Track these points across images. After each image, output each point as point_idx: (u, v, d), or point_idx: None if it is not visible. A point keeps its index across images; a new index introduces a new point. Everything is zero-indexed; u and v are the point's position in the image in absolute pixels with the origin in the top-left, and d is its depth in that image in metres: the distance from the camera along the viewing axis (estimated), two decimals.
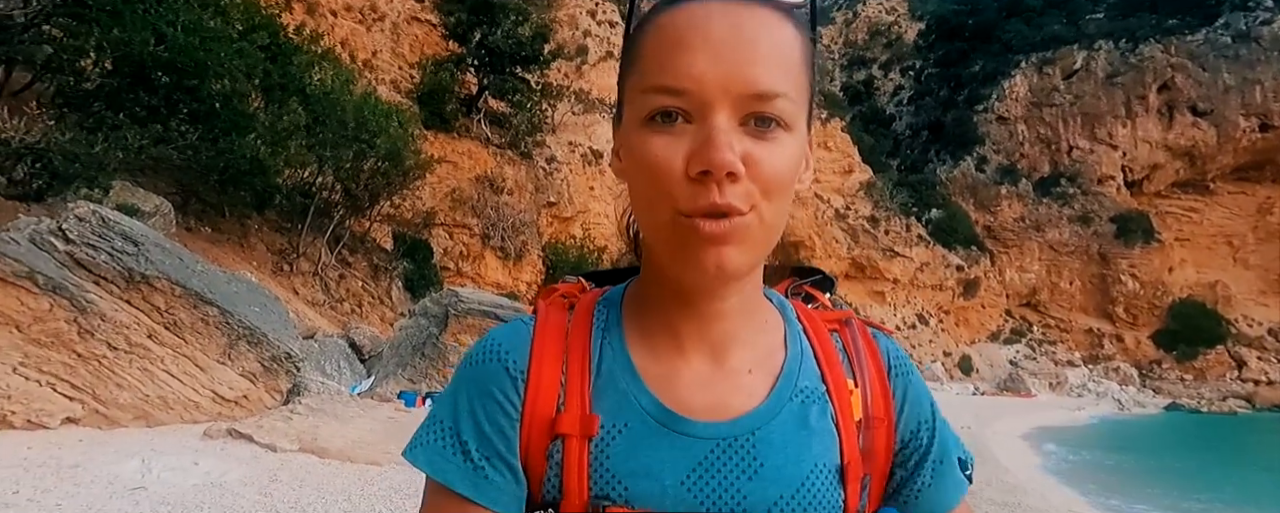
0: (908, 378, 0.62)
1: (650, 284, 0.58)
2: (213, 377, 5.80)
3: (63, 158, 7.58)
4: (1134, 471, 12.65)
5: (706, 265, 0.48)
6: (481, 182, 25.84)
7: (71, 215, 5.26)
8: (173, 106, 9.90)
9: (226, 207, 13.73)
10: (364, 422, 6.20)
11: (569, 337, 0.56)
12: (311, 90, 13.43)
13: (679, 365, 0.56)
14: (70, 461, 3.94)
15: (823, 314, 0.64)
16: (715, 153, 0.46)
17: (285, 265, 15.36)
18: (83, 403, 5.02)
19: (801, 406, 0.56)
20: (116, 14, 8.37)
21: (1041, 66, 58.40)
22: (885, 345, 0.63)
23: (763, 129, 0.47)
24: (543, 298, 0.62)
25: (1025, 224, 54.71)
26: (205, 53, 9.46)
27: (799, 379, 0.57)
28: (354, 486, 4.52)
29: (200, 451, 4.83)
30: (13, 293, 4.61)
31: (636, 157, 0.49)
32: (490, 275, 24.72)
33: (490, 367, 0.55)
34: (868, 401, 0.59)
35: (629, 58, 0.52)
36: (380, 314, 18.37)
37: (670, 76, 0.47)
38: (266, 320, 6.52)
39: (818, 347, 0.60)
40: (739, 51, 0.47)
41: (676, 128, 0.48)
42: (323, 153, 13.87)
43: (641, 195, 0.50)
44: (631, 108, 0.50)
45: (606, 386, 0.55)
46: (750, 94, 0.47)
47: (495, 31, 26.75)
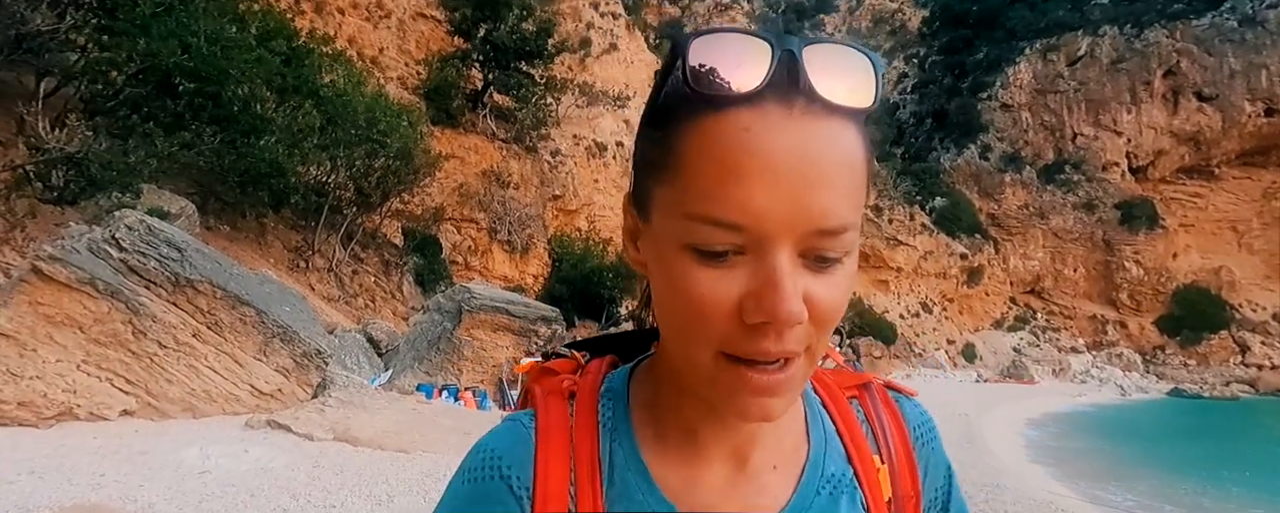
0: (931, 446, 0.58)
1: (665, 383, 0.53)
2: (251, 372, 6.27)
3: (99, 165, 8.02)
4: (1117, 455, 13.09)
5: (750, 414, 0.44)
6: (488, 176, 26.27)
7: (122, 224, 5.71)
8: (195, 112, 10.35)
9: (246, 206, 14.21)
10: (390, 413, 6.67)
11: (574, 441, 0.52)
12: (325, 92, 13.85)
13: (698, 469, 0.51)
14: (138, 448, 4.41)
15: (840, 378, 0.59)
16: (782, 304, 0.41)
17: (301, 262, 15.86)
18: (137, 397, 5.50)
19: (830, 498, 0.52)
20: (144, 27, 8.78)
21: (1046, 53, 58.21)
22: (909, 412, 0.59)
23: (823, 265, 0.43)
24: (537, 383, 0.57)
25: (1029, 211, 54.80)
26: (226, 61, 9.88)
27: (825, 468, 0.53)
28: (387, 471, 4.99)
29: (246, 440, 5.31)
30: (76, 298, 5.07)
31: (676, 286, 0.43)
32: (497, 269, 25.20)
33: (491, 485, 0.51)
34: (895, 477, 0.55)
35: (658, 154, 0.45)
36: (392, 308, 18.89)
37: (724, 209, 0.41)
38: (297, 319, 6.99)
39: (840, 423, 0.56)
40: (806, 179, 0.41)
41: (727, 262, 0.42)
42: (336, 153, 14.31)
43: (676, 326, 0.45)
44: (666, 223, 0.44)
45: (621, 498, 0.50)
46: (816, 230, 0.41)
47: (500, 27, 27.10)
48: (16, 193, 8.20)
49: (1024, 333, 50.03)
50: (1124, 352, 48.37)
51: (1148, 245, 51.20)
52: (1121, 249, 51.60)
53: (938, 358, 41.44)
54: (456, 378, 10.64)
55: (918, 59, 68.84)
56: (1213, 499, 9.41)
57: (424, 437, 6.15)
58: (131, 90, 9.17)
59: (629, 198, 0.49)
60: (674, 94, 0.43)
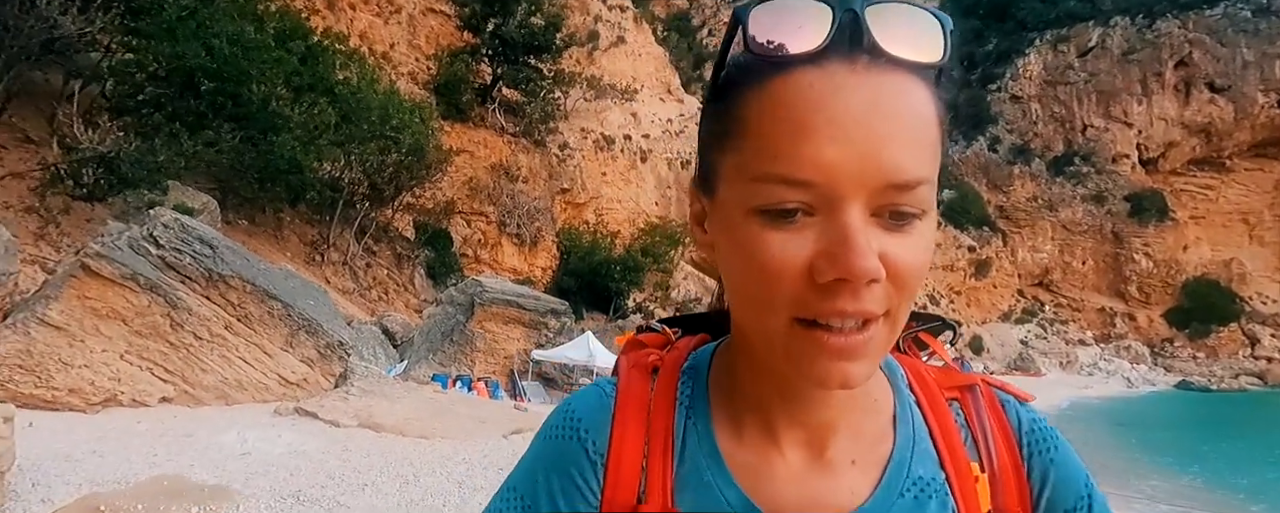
0: (1049, 455, 0.53)
1: (742, 362, 0.52)
2: (278, 362, 6.63)
3: (129, 164, 8.38)
4: (1114, 444, 13.35)
5: (829, 381, 0.43)
6: (497, 170, 26.61)
7: (158, 223, 6.06)
8: (216, 110, 10.70)
9: (264, 201, 14.60)
10: (409, 401, 7.02)
11: (651, 413, 0.52)
12: (339, 90, 14.18)
13: (772, 456, 0.50)
14: (182, 431, 4.77)
15: (942, 378, 0.56)
16: (856, 259, 0.39)
17: (317, 256, 16.26)
18: (175, 385, 5.86)
19: (916, 502, 0.49)
20: (170, 30, 9.11)
21: (1056, 44, 57.82)
22: (1018, 417, 0.54)
23: (898, 222, 0.41)
24: (625, 354, 0.58)
25: (1038, 204, 54.64)
26: (247, 61, 10.22)
27: (911, 468, 0.51)
28: (410, 454, 5.33)
29: (277, 425, 5.66)
30: (120, 292, 5.42)
31: (745, 251, 0.42)
32: (507, 261, 25.57)
33: (569, 445, 0.52)
34: (998, 489, 0.51)
35: (723, 126, 0.44)
36: (405, 300, 19.30)
37: (792, 166, 0.40)
38: (320, 312, 7.34)
39: (934, 424, 0.53)
40: (875, 133, 0.39)
41: (797, 223, 0.41)
42: (351, 149, 14.66)
43: (747, 294, 0.44)
44: (733, 191, 0.43)
45: (690, 475, 0.50)
46: (889, 184, 0.40)
47: (508, 22, 27.36)
48: (51, 190, 8.57)
49: (1031, 325, 50.06)
50: (1132, 344, 48.34)
51: (1157, 238, 51.02)
52: (1131, 241, 51.44)
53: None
54: (469, 368, 11.00)
55: None
56: (1212, 489, 9.67)
57: (442, 424, 6.50)
58: (156, 90, 9.50)
59: (694, 181, 0.50)
60: (736, 64, 0.44)
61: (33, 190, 9.21)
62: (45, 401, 4.91)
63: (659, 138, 36.19)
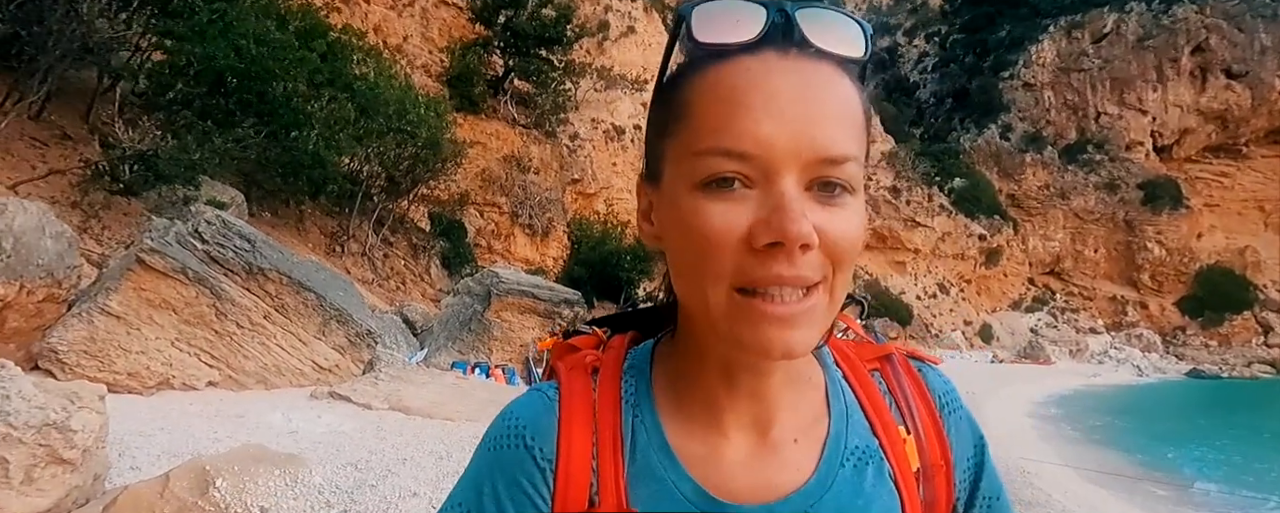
0: (958, 414, 0.57)
1: (687, 352, 0.53)
2: (312, 349, 7.07)
3: (166, 161, 8.83)
4: (1116, 430, 13.65)
5: (771, 350, 0.44)
6: (509, 161, 26.99)
7: (201, 219, 6.49)
8: (243, 108, 11.13)
9: (286, 195, 15.06)
10: (434, 387, 7.46)
11: (597, 415, 0.52)
12: (358, 86, 14.57)
13: (719, 444, 0.51)
14: (234, 412, 5.21)
15: (861, 351, 0.59)
16: (790, 223, 0.41)
17: (337, 247, 16.73)
18: (219, 370, 6.31)
19: (855, 469, 0.52)
20: (201, 33, 9.53)
21: (1070, 30, 57.25)
22: (933, 381, 0.58)
23: (829, 195, 0.44)
24: (559, 359, 0.58)
25: (1050, 192, 54.40)
26: (273, 61, 10.62)
27: (847, 440, 0.53)
28: (440, 434, 5.75)
29: (315, 408, 6.10)
30: (170, 284, 5.86)
31: (687, 225, 0.45)
32: (519, 252, 26.01)
33: (515, 454, 0.52)
34: (923, 447, 0.54)
35: (667, 114, 0.48)
36: (421, 290, 19.79)
37: (731, 139, 0.43)
38: (348, 303, 7.77)
39: (862, 395, 0.55)
40: (807, 112, 0.43)
41: (736, 193, 0.44)
42: (369, 143, 15.07)
43: (690, 268, 0.46)
44: (677, 170, 0.46)
45: (643, 472, 0.50)
46: (821, 158, 0.43)
47: (520, 14, 27.61)
48: (93, 186, 9.03)
49: (1042, 314, 50.06)
50: (1144, 333, 48.26)
51: (1171, 226, 50.72)
52: (1144, 229, 51.17)
53: (954, 339, 41.75)
54: (487, 356, 11.44)
55: (938, 37, 67.96)
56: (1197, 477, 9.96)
57: (466, 407, 6.92)
58: (187, 89, 9.93)
59: (640, 177, 0.53)
60: (681, 59, 0.48)
61: (74, 186, 9.69)
62: (107, 384, 5.36)
63: None
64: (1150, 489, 8.47)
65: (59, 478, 2.40)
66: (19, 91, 9.95)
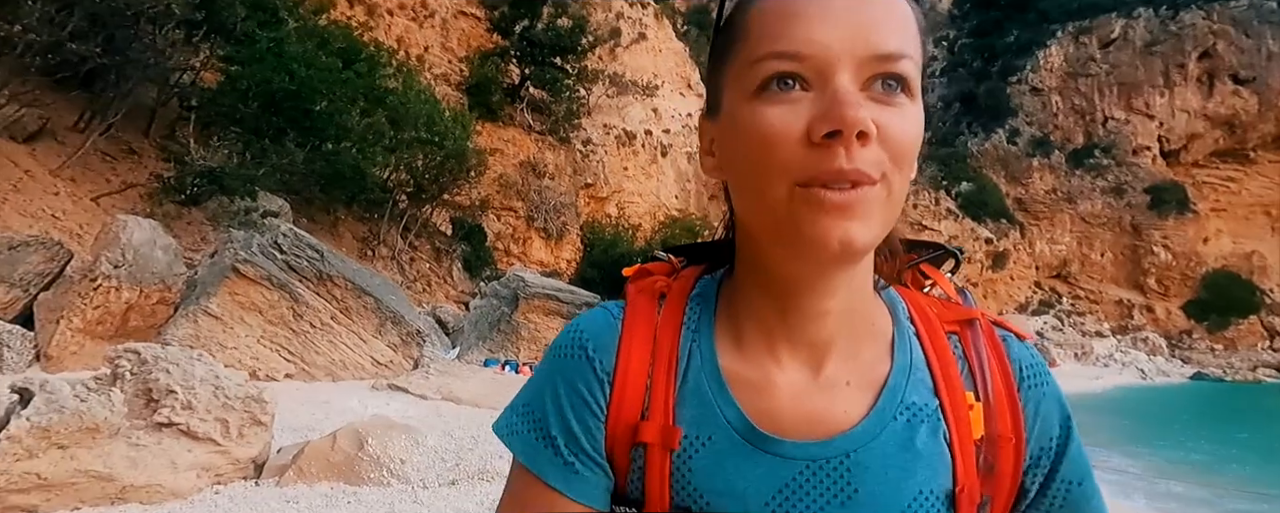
0: (1041, 389, 0.55)
1: (745, 281, 0.54)
2: (371, 347, 7.98)
3: (230, 176, 9.81)
4: (1112, 429, 14.38)
5: (830, 241, 0.44)
6: (525, 167, 27.96)
7: (278, 233, 7.42)
8: (292, 124, 12.11)
9: (324, 203, 16.07)
10: (477, 380, 8.37)
11: (657, 335, 0.54)
12: (389, 100, 15.55)
13: (772, 374, 0.52)
14: (320, 399, 6.12)
15: (943, 312, 0.57)
16: (847, 110, 0.42)
17: (368, 251, 17.71)
18: (295, 364, 7.23)
19: (908, 425, 0.51)
20: (260, 58, 10.51)
21: (1078, 36, 57.65)
22: (1017, 353, 0.56)
23: (889, 93, 0.45)
24: (633, 282, 0.59)
25: (1057, 196, 54.82)
26: (320, 82, 11.60)
27: (906, 394, 0.52)
28: (488, 419, 6.64)
29: (380, 397, 7.01)
30: (257, 289, 6.79)
31: (746, 131, 0.45)
32: (535, 255, 26.96)
33: (577, 363, 0.54)
34: (992, 417, 0.52)
35: (726, 42, 0.49)
36: (445, 292, 20.76)
37: (786, 43, 0.44)
38: (400, 306, 8.69)
39: (932, 354, 0.54)
40: (862, 16, 0.44)
41: (794, 95, 0.44)
42: (401, 154, 16.04)
43: (750, 173, 0.46)
44: (736, 86, 0.47)
45: (692, 394, 0.52)
46: (876, 55, 0.44)
47: (536, 24, 28.59)
48: (165, 198, 10.03)
49: (1048, 317, 50.51)
50: (1150, 336, 48.61)
51: (1177, 230, 51.08)
52: (1150, 234, 51.55)
53: None
54: (515, 354, 12.32)
55: (947, 42, 68.52)
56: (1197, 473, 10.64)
57: (506, 397, 7.71)
58: (245, 109, 10.91)
59: (702, 117, 0.54)
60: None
61: (144, 197, 10.69)
62: None
63: (679, 132, 37.25)
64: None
65: (259, 435, 3.29)
66: (91, 110, 10.97)
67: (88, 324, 5.80)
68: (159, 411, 3.00)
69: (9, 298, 5.85)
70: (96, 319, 5.85)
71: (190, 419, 3.02)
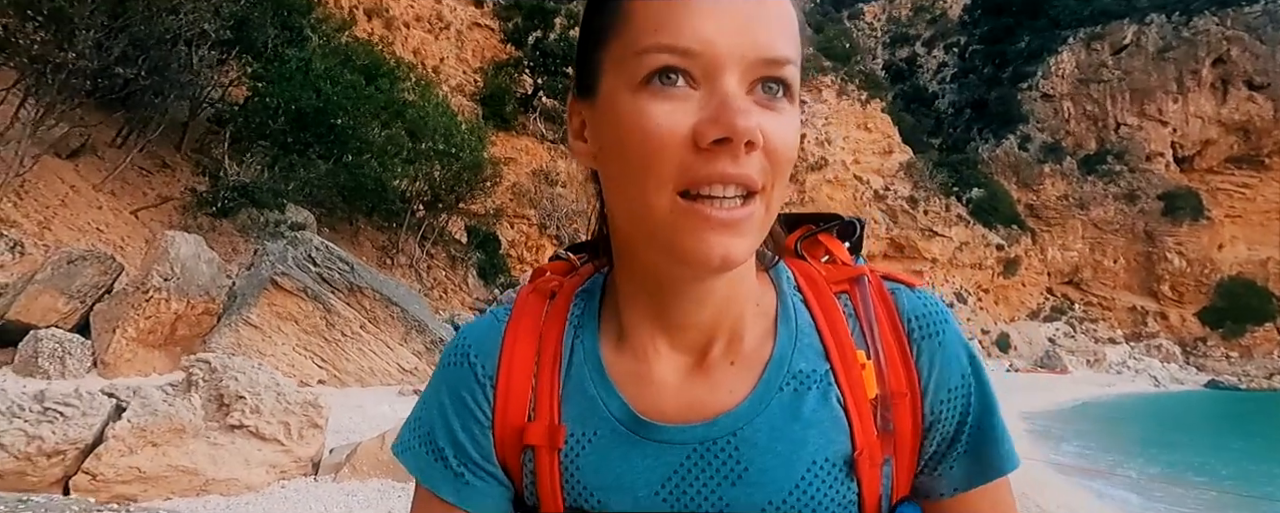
0: (937, 339, 0.52)
1: (623, 275, 0.53)
2: (398, 355, 8.39)
3: (261, 190, 10.29)
4: (1113, 434, 14.55)
5: (711, 257, 0.43)
6: (538, 175, 28.47)
7: (311, 247, 7.86)
8: (318, 139, 12.61)
9: (345, 213, 16.57)
10: None
11: (542, 335, 0.53)
12: (409, 113, 16.04)
13: (654, 363, 0.51)
14: (354, 404, 6.52)
15: (831, 272, 0.56)
16: (737, 118, 0.41)
17: (387, 260, 18.20)
18: (328, 370, 7.65)
19: (795, 395, 0.50)
20: (289, 77, 11.01)
21: (1090, 42, 57.66)
22: (906, 303, 0.53)
23: (771, 98, 0.44)
24: (529, 282, 0.59)
25: (1069, 202, 54.74)
26: (345, 100, 12.09)
27: (791, 364, 0.51)
28: None
29: (406, 402, 7.42)
30: (293, 300, 7.22)
31: (629, 127, 0.43)
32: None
33: (460, 370, 0.53)
34: (884, 373, 0.51)
35: (605, 20, 0.46)
36: (460, 299, 21.21)
37: (674, 34, 0.42)
38: (423, 315, 9.10)
39: (820, 317, 0.53)
40: (747, 13, 0.43)
41: (679, 92, 0.43)
42: (419, 165, 16.52)
43: (632, 172, 0.44)
44: (617, 74, 0.45)
45: (575, 391, 0.51)
46: (763, 58, 0.43)
47: (549, 35, 29.15)
48: (199, 211, 10.53)
49: (1060, 323, 50.39)
50: (1163, 343, 48.38)
51: (1191, 236, 50.87)
52: (1164, 240, 51.37)
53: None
54: None
55: (958, 48, 68.59)
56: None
57: None
58: (275, 126, 11.41)
59: (571, 95, 0.52)
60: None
61: (178, 211, 11.20)
62: None
63: None
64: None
65: (315, 437, 3.69)
66: (129, 127, 11.51)
67: (140, 333, 6.24)
68: (231, 414, 3.40)
69: (68, 309, 6.31)
70: (148, 328, 6.29)
71: (258, 422, 3.42)
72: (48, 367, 5.68)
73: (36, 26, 7.12)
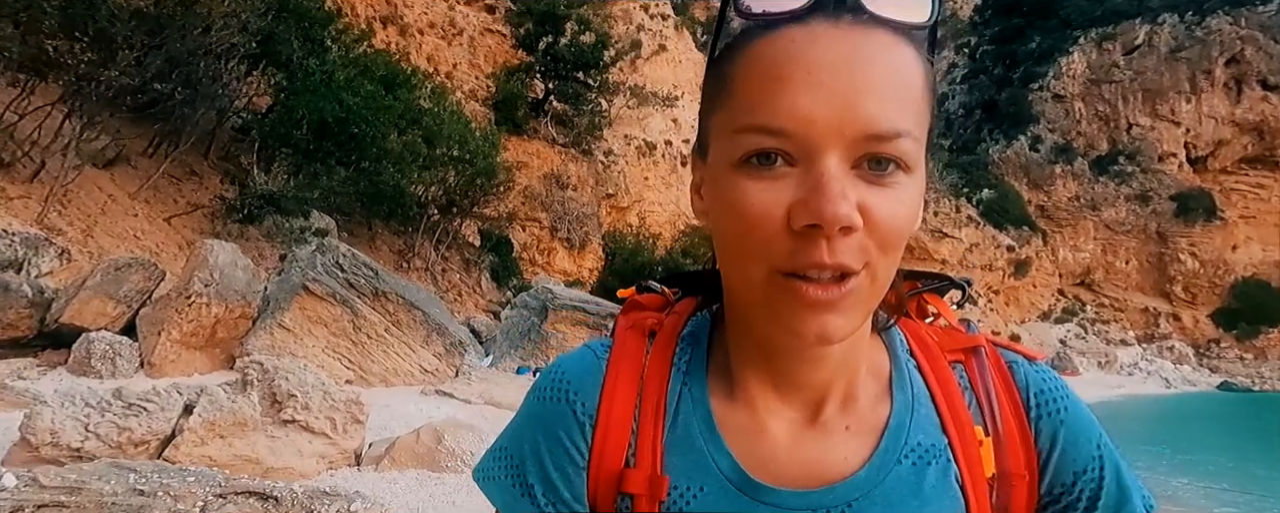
0: (1059, 416, 0.51)
1: (735, 328, 0.51)
2: (420, 356, 8.80)
3: (287, 198, 10.75)
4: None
5: (806, 334, 0.42)
6: (549, 179, 28.89)
7: (339, 253, 8.28)
8: (340, 147, 13.08)
9: (363, 218, 17.06)
10: (514, 386, 9.16)
11: (645, 377, 0.51)
12: (425, 121, 16.51)
13: (766, 422, 0.50)
14: (381, 404, 6.92)
15: (945, 340, 0.54)
16: (826, 204, 0.39)
17: (404, 263, 18.67)
18: (354, 371, 8.06)
19: (914, 468, 0.48)
20: (313, 90, 11.47)
21: (1101, 42, 57.41)
22: (1026, 378, 0.52)
23: (879, 174, 0.41)
24: (623, 315, 0.58)
25: (1080, 203, 54.55)
26: (367, 111, 12.55)
27: (910, 434, 0.49)
28: None
29: (430, 401, 7.82)
30: (322, 304, 7.64)
31: (727, 203, 0.43)
32: (558, 264, 27.82)
33: (557, 407, 0.52)
34: (1003, 452, 0.49)
35: (715, 88, 0.46)
36: (474, 301, 21.67)
37: (769, 115, 0.41)
38: (443, 318, 9.51)
39: (936, 387, 0.51)
40: (852, 84, 0.40)
41: (777, 171, 0.42)
42: (434, 172, 16.99)
43: (731, 247, 0.44)
44: (720, 147, 0.45)
45: (681, 441, 0.49)
46: (867, 134, 0.41)
47: (560, 41, 29.59)
48: (228, 218, 11.00)
49: (1071, 325, 50.26)
50: (1176, 345, 48.14)
51: (1205, 237, 50.60)
52: (1176, 241, 51.10)
53: None
54: (546, 362, 13.13)
55: (968, 49, 68.47)
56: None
57: None
58: (299, 136, 11.88)
59: (693, 150, 0.51)
60: (730, 32, 0.46)
61: (207, 218, 11.68)
62: None
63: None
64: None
65: (357, 431, 4.08)
66: (160, 137, 12.01)
67: (183, 336, 6.67)
68: (283, 410, 3.80)
69: (116, 312, 6.75)
70: (191, 331, 6.72)
71: (308, 417, 3.81)
72: (100, 367, 6.11)
73: (83, 48, 7.57)
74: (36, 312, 6.43)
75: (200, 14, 8.74)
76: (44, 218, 8.45)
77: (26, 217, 8.31)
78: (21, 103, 8.34)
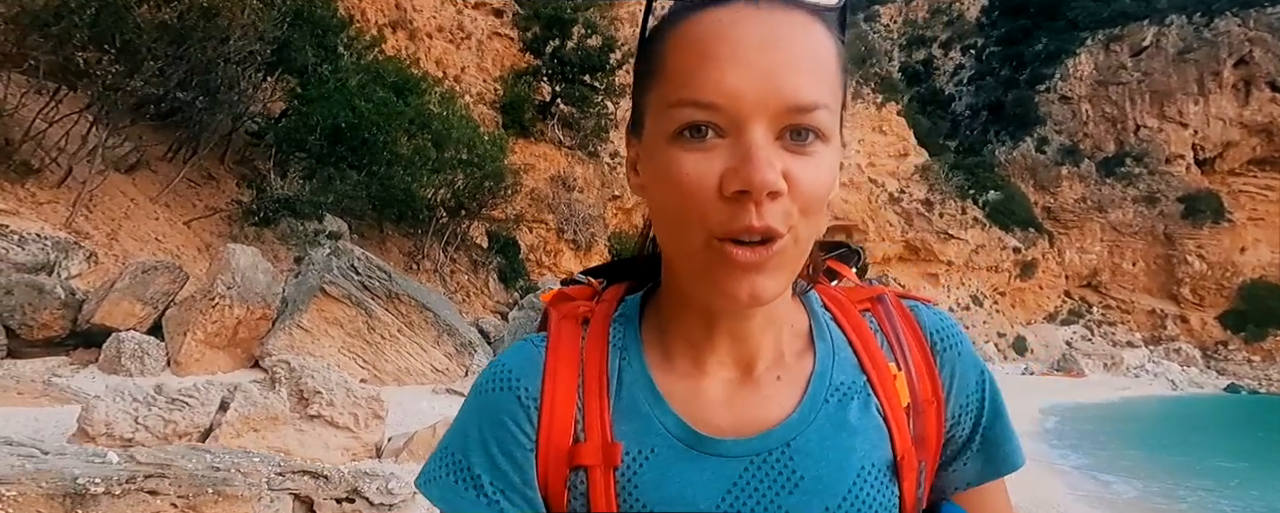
0: (955, 350, 0.58)
1: (671, 300, 0.55)
2: (431, 356, 9.10)
3: (303, 203, 11.07)
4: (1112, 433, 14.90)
5: (739, 294, 0.46)
6: (556, 181, 29.21)
7: (352, 256, 8.58)
8: (352, 152, 13.40)
9: (374, 221, 17.40)
10: None
11: (584, 358, 0.54)
12: (435, 126, 16.83)
13: (702, 383, 0.54)
14: (396, 402, 7.21)
15: (852, 294, 0.61)
16: (755, 171, 0.43)
17: (413, 266, 18.99)
18: (368, 371, 8.36)
19: (839, 405, 0.53)
20: (327, 97, 11.80)
21: (1108, 43, 57.29)
22: (927, 319, 0.59)
23: (800, 143, 0.45)
24: (553, 307, 0.60)
25: (1087, 205, 54.45)
26: (379, 117, 12.87)
27: (832, 377, 0.55)
28: None
29: (442, 399, 8.10)
30: (338, 306, 7.94)
31: (664, 174, 0.47)
32: (565, 266, 28.11)
33: (500, 396, 0.54)
34: (914, 383, 0.55)
35: (647, 67, 0.50)
36: (482, 302, 21.98)
37: (699, 90, 0.45)
38: (453, 319, 9.81)
39: (851, 333, 0.57)
40: (773, 60, 0.44)
41: (708, 143, 0.45)
42: (444, 175, 17.31)
43: (668, 216, 0.48)
44: (655, 123, 0.49)
45: (628, 409, 0.53)
46: (788, 107, 0.45)
47: (567, 44, 29.91)
48: (245, 222, 11.33)
49: (1078, 327, 50.18)
50: (1183, 347, 47.98)
51: (1212, 239, 50.42)
52: (1184, 243, 50.93)
53: (987, 350, 42.29)
54: None
55: (975, 50, 68.37)
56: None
57: None
58: (314, 141, 12.21)
59: (628, 128, 0.55)
60: (660, 15, 0.51)
61: (224, 221, 12.02)
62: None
63: None
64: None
65: (377, 427, 4.36)
66: (178, 142, 12.36)
67: (207, 336, 6.98)
68: (310, 406, 4.08)
69: (143, 313, 7.06)
70: (214, 331, 7.03)
71: (332, 413, 4.10)
72: (129, 366, 6.42)
73: (112, 59, 7.90)
74: (69, 312, 6.75)
75: (221, 25, 9.06)
76: (72, 221, 8.79)
77: (56, 220, 8.66)
78: (50, 111, 8.67)
